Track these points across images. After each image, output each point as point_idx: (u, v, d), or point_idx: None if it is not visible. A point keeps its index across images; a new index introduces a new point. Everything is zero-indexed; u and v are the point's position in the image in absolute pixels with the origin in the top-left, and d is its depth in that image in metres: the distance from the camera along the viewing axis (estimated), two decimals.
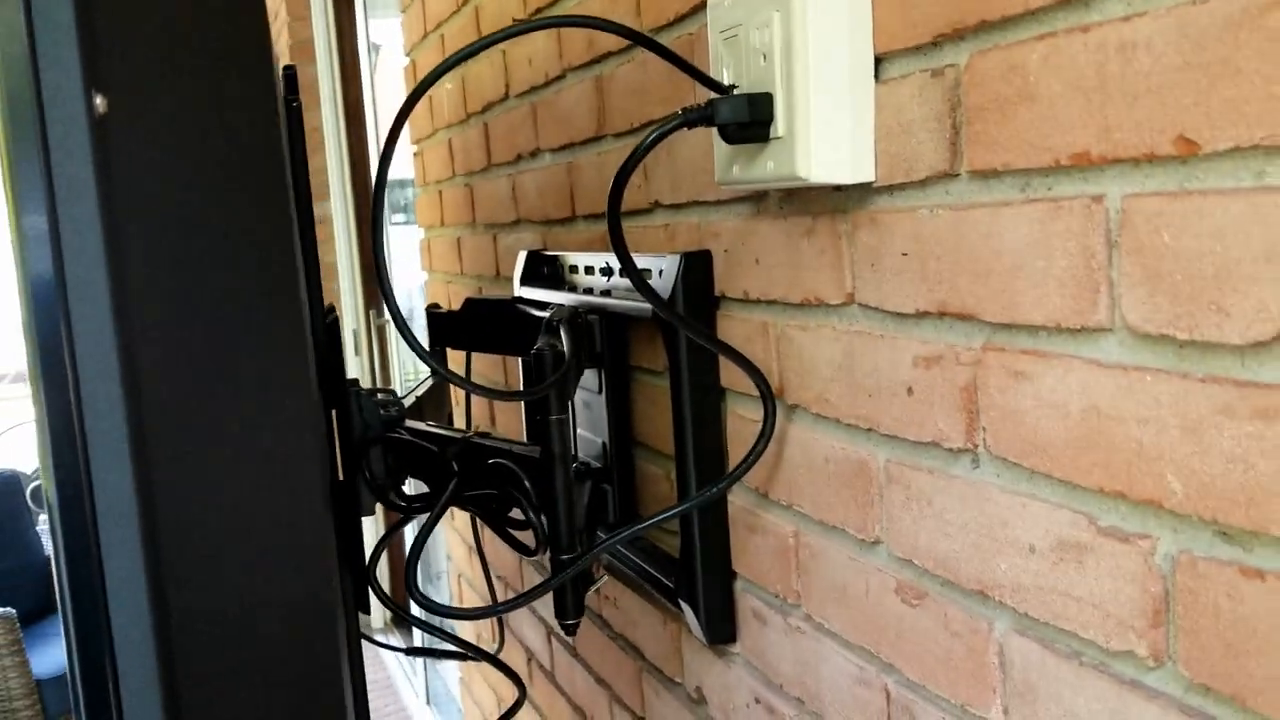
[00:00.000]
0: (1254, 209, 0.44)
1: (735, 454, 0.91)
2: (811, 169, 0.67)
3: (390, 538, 0.96)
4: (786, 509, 0.84)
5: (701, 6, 0.87)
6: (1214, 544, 0.48)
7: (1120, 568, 0.53)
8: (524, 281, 1.31)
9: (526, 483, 0.84)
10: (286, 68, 0.82)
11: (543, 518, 0.85)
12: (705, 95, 0.76)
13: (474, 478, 0.92)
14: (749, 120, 0.68)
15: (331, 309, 0.99)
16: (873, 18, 0.66)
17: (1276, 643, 0.45)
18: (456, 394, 1.98)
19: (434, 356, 1.36)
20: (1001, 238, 0.58)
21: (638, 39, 0.72)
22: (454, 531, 2.07)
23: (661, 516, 0.83)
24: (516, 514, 0.92)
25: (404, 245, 3.48)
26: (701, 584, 0.91)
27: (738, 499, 0.91)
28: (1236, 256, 0.44)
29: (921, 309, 0.65)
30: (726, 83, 0.73)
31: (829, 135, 0.66)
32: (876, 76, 0.67)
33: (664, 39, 0.95)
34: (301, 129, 0.80)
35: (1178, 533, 0.49)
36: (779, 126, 0.68)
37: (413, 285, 3.43)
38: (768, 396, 0.79)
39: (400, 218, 3.84)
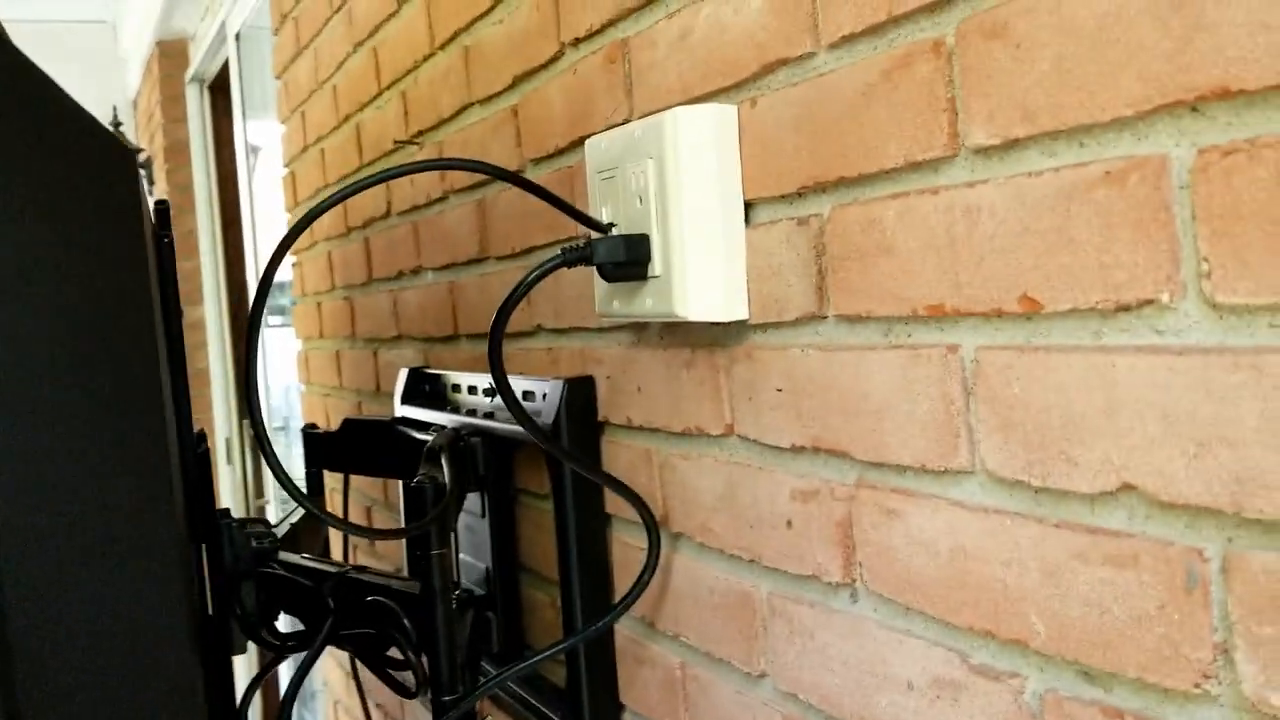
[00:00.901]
0: (1093, 367, 0.47)
1: (622, 581, 0.91)
2: (688, 308, 0.69)
3: (263, 679, 0.93)
4: (673, 640, 0.84)
5: (580, 142, 0.91)
6: (1077, 684, 0.50)
7: (993, 705, 0.55)
8: (405, 399, 1.31)
9: (406, 621, 0.83)
10: (159, 202, 0.82)
11: (423, 657, 0.84)
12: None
13: (351, 615, 0.90)
14: (626, 260, 0.71)
15: (203, 437, 0.98)
16: (741, 166, 0.70)
17: None
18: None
19: (311, 479, 1.34)
20: (869, 379, 0.61)
21: (513, 180, 0.74)
22: (330, 654, 2.01)
23: (546, 653, 0.83)
24: (396, 651, 0.91)
25: (282, 348, 3.42)
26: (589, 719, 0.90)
27: (625, 629, 0.91)
28: (1081, 410, 0.48)
29: (797, 444, 0.68)
30: (605, 221, 0.76)
31: (704, 276, 0.69)
32: (747, 221, 0.70)
33: (543, 169, 0.98)
34: (174, 264, 0.80)
35: (1044, 672, 0.52)
36: (656, 266, 0.71)
37: (291, 384, 3.36)
38: (652, 528, 0.81)
39: (278, 320, 3.77)
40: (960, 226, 0.53)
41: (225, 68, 3.32)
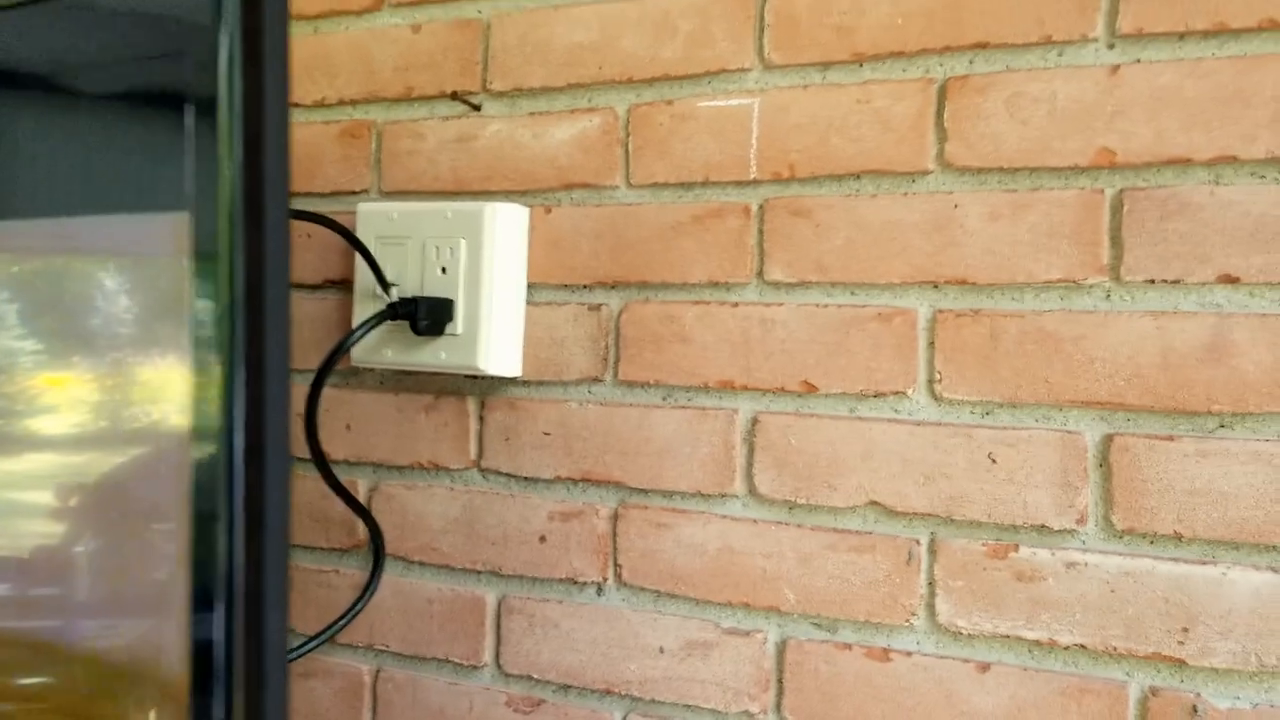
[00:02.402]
0: (854, 429, 0.74)
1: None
2: (488, 362, 0.83)
3: None
4: (365, 650, 0.92)
5: None
6: (810, 630, 0.76)
7: (740, 654, 0.78)
8: None
9: None
10: None
11: None
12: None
13: None
14: (438, 318, 0.82)
15: None
16: (527, 257, 0.86)
17: (857, 689, 0.74)
18: None
19: None
20: (651, 429, 0.81)
21: (340, 231, 0.81)
22: None
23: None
24: None
25: None
26: None
27: None
28: (843, 455, 0.75)
29: (562, 475, 0.84)
30: (388, 279, 0.86)
31: (499, 338, 0.83)
32: (529, 300, 0.86)
33: None
34: None
35: (783, 627, 0.77)
36: (458, 326, 0.83)
37: None
38: (381, 552, 0.89)
39: None
40: (755, 331, 0.78)
41: None
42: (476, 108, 0.89)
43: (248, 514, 0.43)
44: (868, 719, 0.73)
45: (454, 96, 0.89)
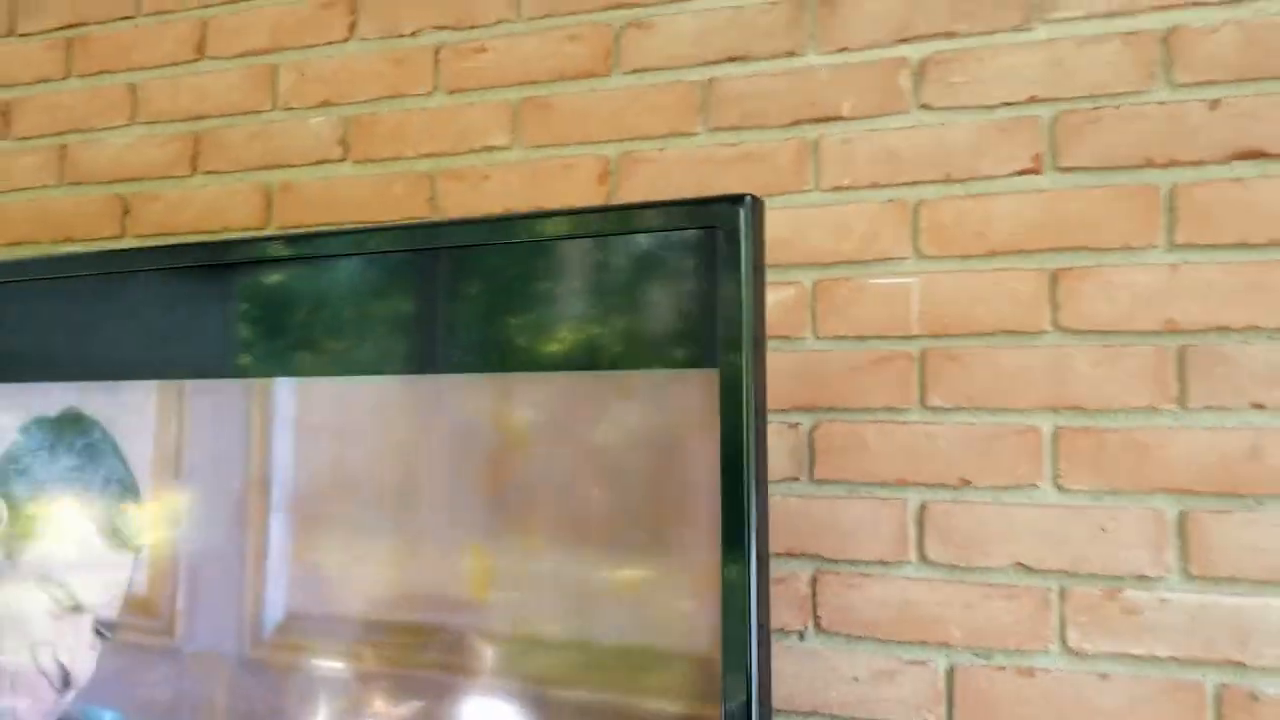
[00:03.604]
0: (1000, 511, 1.02)
1: None
2: None
3: None
4: None
5: None
6: (972, 658, 1.01)
7: (918, 679, 1.03)
8: None
9: None
10: None
11: None
12: None
13: None
14: None
15: None
16: None
17: (1009, 699, 1.00)
18: None
19: None
20: (840, 514, 1.07)
21: None
22: None
23: None
24: None
25: None
26: None
27: None
28: (993, 530, 1.02)
29: (774, 551, 1.10)
30: None
31: None
32: None
33: None
34: None
35: (950, 656, 1.02)
36: None
37: None
38: None
39: None
40: (921, 440, 1.05)
41: None
42: None
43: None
44: None
45: None
